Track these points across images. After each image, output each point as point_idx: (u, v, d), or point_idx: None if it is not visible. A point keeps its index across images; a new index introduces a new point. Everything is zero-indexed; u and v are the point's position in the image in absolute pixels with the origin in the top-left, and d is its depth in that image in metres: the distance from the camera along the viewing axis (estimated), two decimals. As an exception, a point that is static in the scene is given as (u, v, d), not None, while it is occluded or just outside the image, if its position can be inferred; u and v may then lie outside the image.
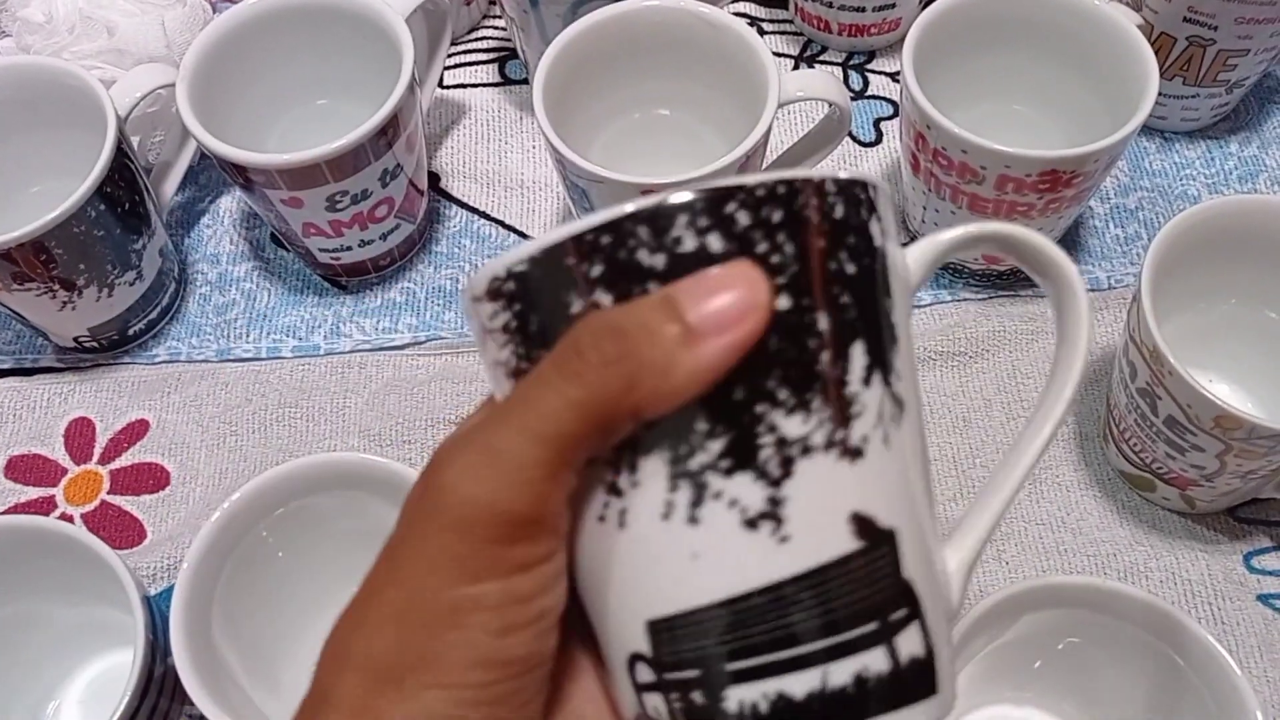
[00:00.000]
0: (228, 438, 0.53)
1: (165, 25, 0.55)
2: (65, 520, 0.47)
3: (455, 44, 0.64)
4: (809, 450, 0.22)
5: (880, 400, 0.22)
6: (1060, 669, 0.43)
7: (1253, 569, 0.48)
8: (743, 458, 0.21)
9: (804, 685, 0.22)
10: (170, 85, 0.51)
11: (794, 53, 0.64)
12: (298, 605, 0.45)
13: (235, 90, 0.52)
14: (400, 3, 0.52)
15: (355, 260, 0.56)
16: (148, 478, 0.53)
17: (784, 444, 0.21)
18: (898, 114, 0.60)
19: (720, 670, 0.22)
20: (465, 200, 0.60)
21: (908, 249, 0.25)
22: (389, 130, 0.49)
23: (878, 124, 0.61)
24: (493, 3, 0.66)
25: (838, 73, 0.63)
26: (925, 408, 0.42)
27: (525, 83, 0.64)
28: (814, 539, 0.22)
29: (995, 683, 0.43)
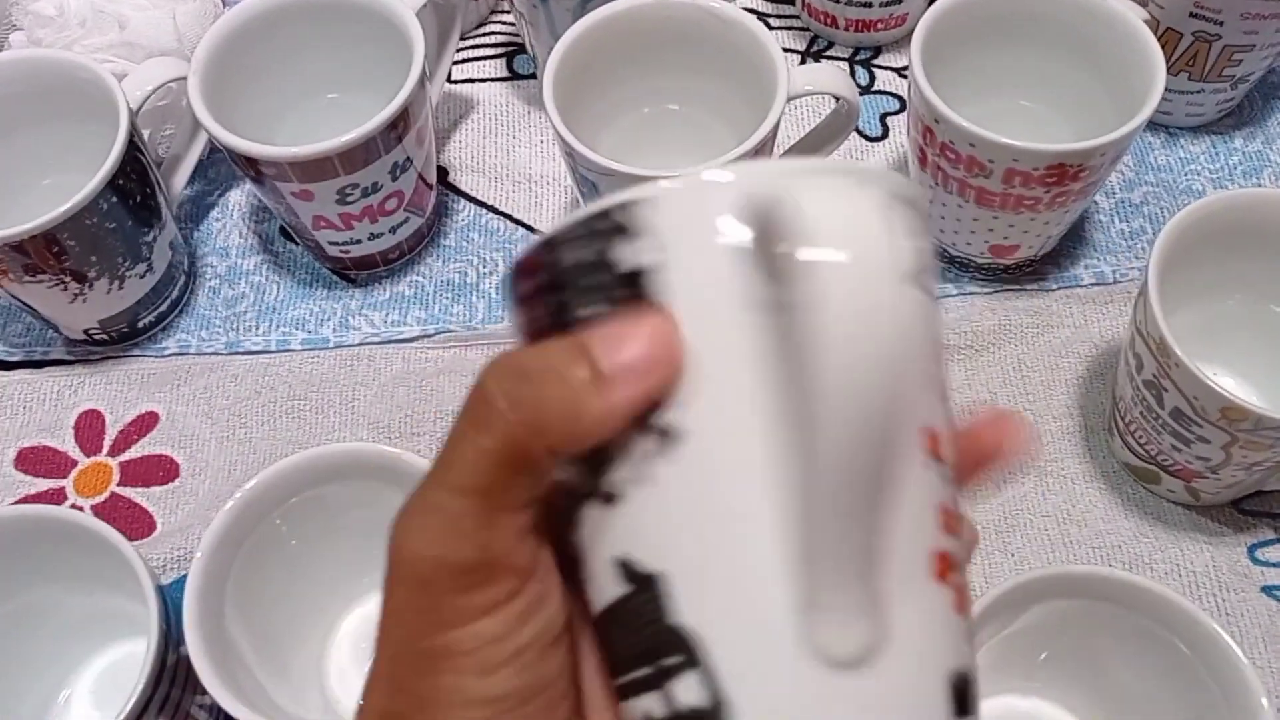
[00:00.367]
0: (237, 430, 0.54)
1: (176, 19, 0.55)
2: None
3: (463, 39, 0.65)
4: (582, 498, 0.22)
5: (636, 439, 0.21)
6: (1067, 659, 0.43)
7: (1257, 561, 0.48)
8: (563, 514, 0.23)
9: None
10: (182, 78, 0.51)
11: (801, 48, 0.64)
12: (310, 594, 0.46)
13: (246, 84, 0.52)
14: (410, -3, 0.52)
15: (364, 253, 0.56)
16: (157, 469, 0.53)
17: (570, 494, 0.22)
18: (904, 109, 0.61)
19: None
20: (473, 194, 0.60)
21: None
22: (399, 124, 0.49)
23: (884, 119, 0.61)
24: (500, -2, 0.66)
25: (845, 68, 0.63)
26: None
27: (533, 78, 0.64)
28: (598, 583, 0.22)
29: (1002, 673, 0.43)
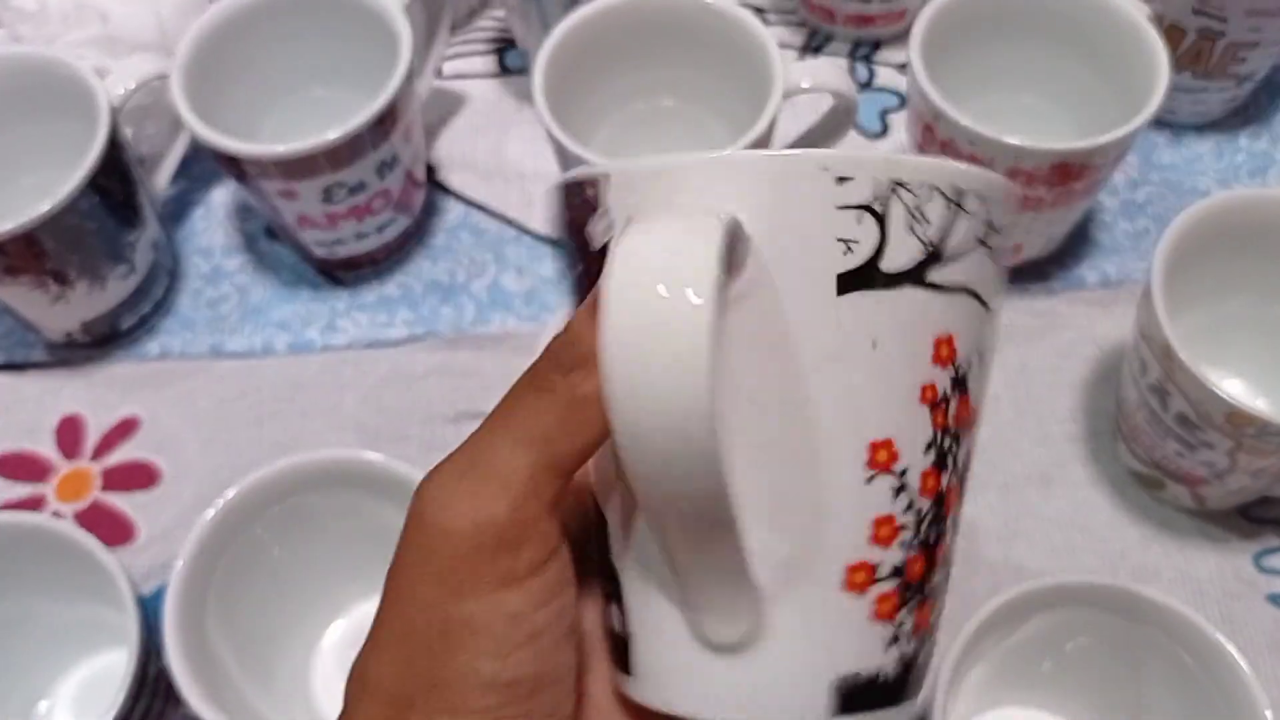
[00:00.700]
0: (220, 434, 0.53)
1: (159, 13, 0.54)
2: (56, 518, 0.46)
3: (452, 33, 0.63)
4: None
5: None
6: (1069, 670, 0.42)
7: (1263, 569, 0.48)
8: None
9: None
10: (164, 76, 0.50)
11: (799, 43, 0.63)
12: (293, 603, 0.45)
13: (229, 80, 0.51)
14: (398, -10, 0.51)
15: (351, 254, 0.55)
16: (139, 475, 0.52)
17: None
18: (904, 105, 0.60)
19: None
20: (463, 193, 0.59)
21: None
22: (386, 120, 0.48)
23: (884, 115, 0.60)
24: (491, -8, 0.65)
25: (843, 64, 0.62)
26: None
27: (524, 73, 0.63)
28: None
29: (1003, 685, 0.43)
